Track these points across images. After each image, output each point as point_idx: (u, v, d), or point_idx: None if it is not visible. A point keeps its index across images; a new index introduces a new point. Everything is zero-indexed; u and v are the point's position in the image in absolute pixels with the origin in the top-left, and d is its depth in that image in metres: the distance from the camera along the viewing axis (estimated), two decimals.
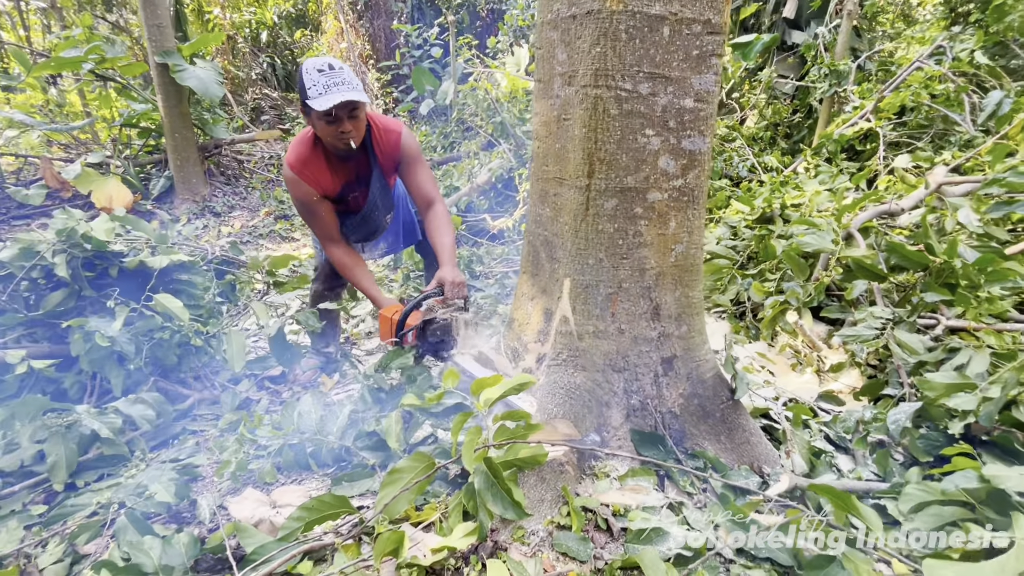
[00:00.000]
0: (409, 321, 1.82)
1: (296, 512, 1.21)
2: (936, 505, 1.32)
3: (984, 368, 1.73)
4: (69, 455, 1.53)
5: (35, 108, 6.83)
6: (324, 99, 1.71)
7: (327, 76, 1.74)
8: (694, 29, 1.38)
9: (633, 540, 1.24)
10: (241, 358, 1.92)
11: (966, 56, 4.04)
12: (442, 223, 2.03)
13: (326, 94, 1.72)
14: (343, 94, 1.72)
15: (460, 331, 1.83)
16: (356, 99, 1.74)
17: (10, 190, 5.16)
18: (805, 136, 5.54)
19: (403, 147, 2.04)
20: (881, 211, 2.49)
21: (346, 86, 1.74)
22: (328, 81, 1.73)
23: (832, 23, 5.10)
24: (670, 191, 1.51)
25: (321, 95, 1.73)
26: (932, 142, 4.01)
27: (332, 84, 1.73)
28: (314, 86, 1.73)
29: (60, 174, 5.15)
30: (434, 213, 2.05)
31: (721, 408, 1.66)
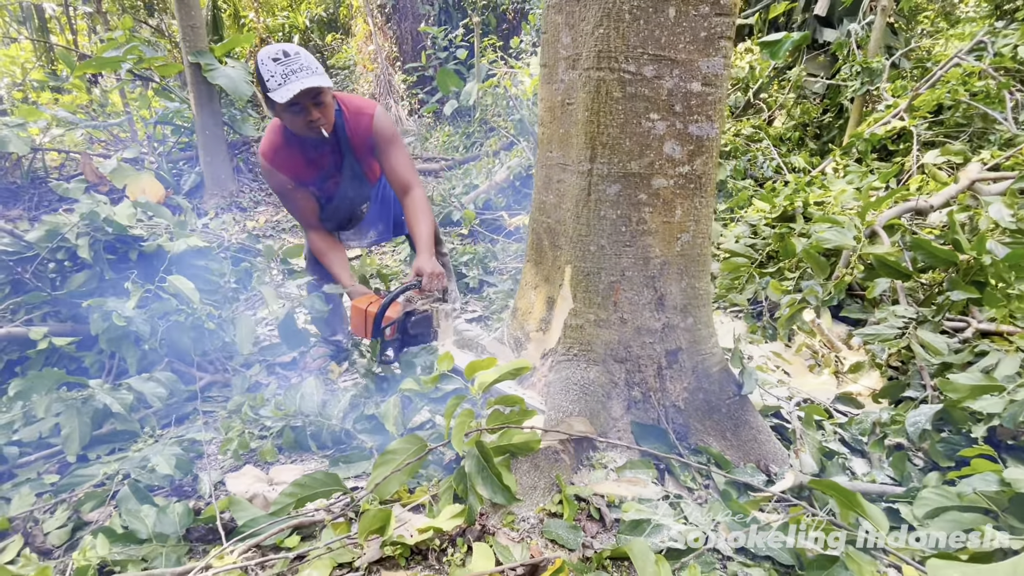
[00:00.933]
0: (389, 314, 1.79)
1: (289, 488, 1.22)
2: (954, 511, 1.25)
3: (1014, 370, 1.63)
4: (83, 428, 1.58)
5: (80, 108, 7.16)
6: (284, 89, 1.64)
7: (284, 64, 1.66)
8: (702, 10, 1.35)
9: (626, 531, 1.21)
10: (249, 342, 1.96)
11: (1008, 51, 3.86)
12: (419, 210, 1.95)
13: (285, 84, 1.65)
14: (302, 81, 1.64)
15: (440, 323, 1.81)
16: (317, 85, 1.66)
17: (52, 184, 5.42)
18: (835, 136, 5.37)
19: (375, 129, 1.95)
20: (908, 208, 2.38)
21: (305, 72, 1.66)
22: (285, 70, 1.66)
23: (865, 20, 4.93)
24: (676, 178, 1.47)
25: (281, 85, 1.65)
26: (970, 141, 3.83)
27: (290, 72, 1.66)
28: (272, 77, 1.66)
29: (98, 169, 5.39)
30: (411, 199, 1.97)
31: (727, 404, 1.61)
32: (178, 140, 5.85)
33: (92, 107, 7.34)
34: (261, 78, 1.69)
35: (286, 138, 1.90)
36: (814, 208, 2.85)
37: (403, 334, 1.80)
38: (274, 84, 1.66)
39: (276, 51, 1.68)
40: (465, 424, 1.23)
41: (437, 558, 1.13)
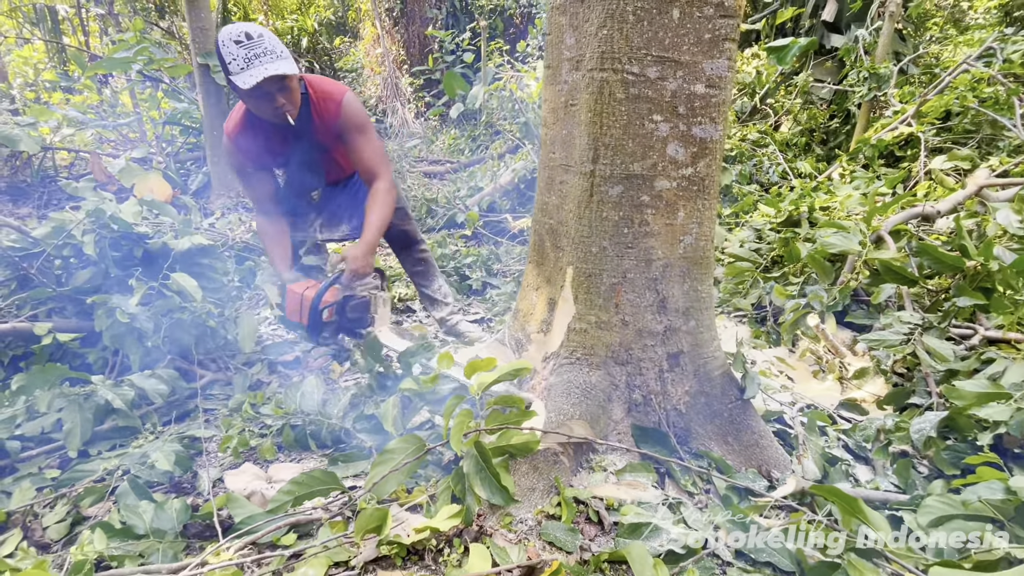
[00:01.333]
0: (327, 297, 1.83)
1: (286, 486, 1.22)
2: (959, 519, 1.23)
3: (1021, 378, 1.61)
4: (84, 423, 1.59)
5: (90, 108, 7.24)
6: (247, 75, 1.57)
7: (246, 48, 1.59)
8: (706, 12, 1.35)
9: (624, 534, 1.20)
10: (251, 340, 1.96)
11: (1018, 58, 3.83)
12: (376, 201, 1.92)
13: (248, 68, 1.58)
14: (266, 68, 1.57)
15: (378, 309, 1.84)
16: (283, 72, 1.59)
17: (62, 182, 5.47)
18: (842, 142, 5.34)
19: (343, 114, 1.88)
20: (915, 214, 2.36)
21: (269, 57, 1.60)
22: (248, 53, 1.59)
23: (873, 26, 4.91)
24: (679, 179, 1.47)
25: (243, 70, 1.58)
26: (979, 147, 3.80)
27: (253, 57, 1.59)
28: (234, 60, 1.59)
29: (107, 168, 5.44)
30: (374, 189, 1.93)
31: (729, 408, 1.60)
32: (186, 140, 5.90)
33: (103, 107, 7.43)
34: (223, 60, 1.61)
35: (250, 120, 1.85)
36: (819, 213, 2.83)
37: (340, 317, 1.87)
38: (236, 68, 1.59)
39: (238, 32, 1.60)
40: (464, 424, 1.23)
41: (433, 558, 1.12)
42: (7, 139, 4.46)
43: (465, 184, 5.31)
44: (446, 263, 3.59)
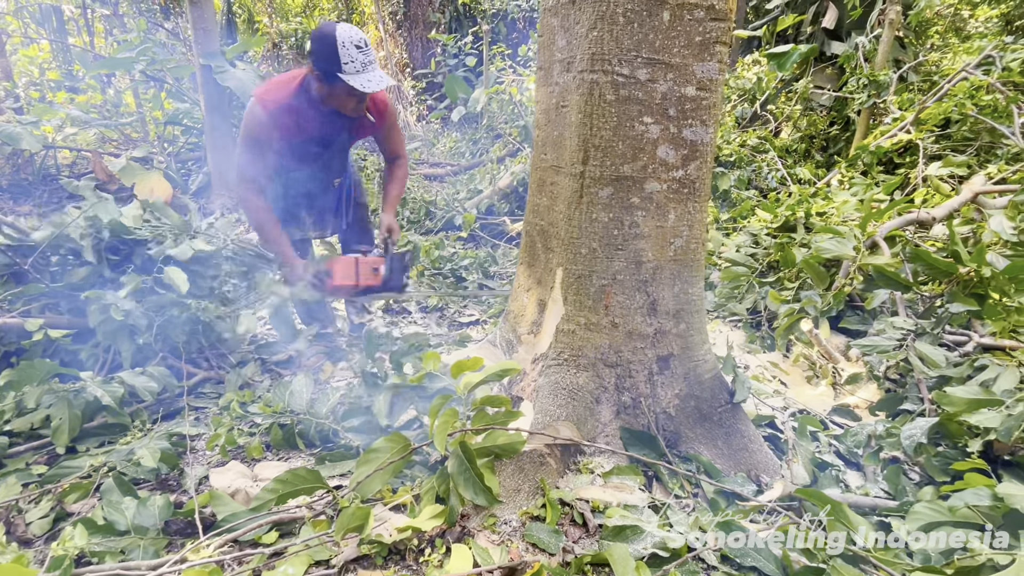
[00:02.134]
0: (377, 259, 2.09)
1: (270, 484, 1.21)
2: (947, 526, 1.22)
3: (1013, 385, 1.60)
4: (72, 420, 1.59)
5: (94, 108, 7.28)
6: (364, 78, 1.77)
7: (364, 53, 1.79)
8: (696, 15, 1.35)
9: (608, 536, 1.19)
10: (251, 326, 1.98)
11: (1017, 66, 3.83)
12: (398, 175, 2.27)
13: (364, 72, 1.78)
14: (383, 78, 1.80)
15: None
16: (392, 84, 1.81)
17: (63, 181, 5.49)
18: (842, 149, 5.34)
19: (389, 109, 2.16)
20: (911, 220, 2.35)
21: (375, 66, 1.83)
22: (364, 59, 1.79)
23: (873, 33, 4.92)
24: (669, 182, 1.46)
25: (359, 72, 1.78)
26: (977, 155, 3.80)
27: (367, 63, 1.79)
28: (351, 62, 1.77)
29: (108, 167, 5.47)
30: (397, 164, 2.28)
31: (719, 411, 1.59)
32: (188, 140, 5.92)
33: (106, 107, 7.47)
34: (336, 56, 1.75)
35: (302, 101, 1.93)
36: (815, 219, 2.83)
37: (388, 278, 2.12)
38: (352, 69, 1.77)
39: (359, 39, 1.78)
40: (448, 424, 1.22)
41: (415, 558, 1.11)
42: (9, 137, 4.48)
43: (464, 187, 5.31)
44: (443, 265, 3.59)
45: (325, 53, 1.77)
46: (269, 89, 1.95)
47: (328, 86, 1.84)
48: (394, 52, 9.68)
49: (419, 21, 9.52)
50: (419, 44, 9.46)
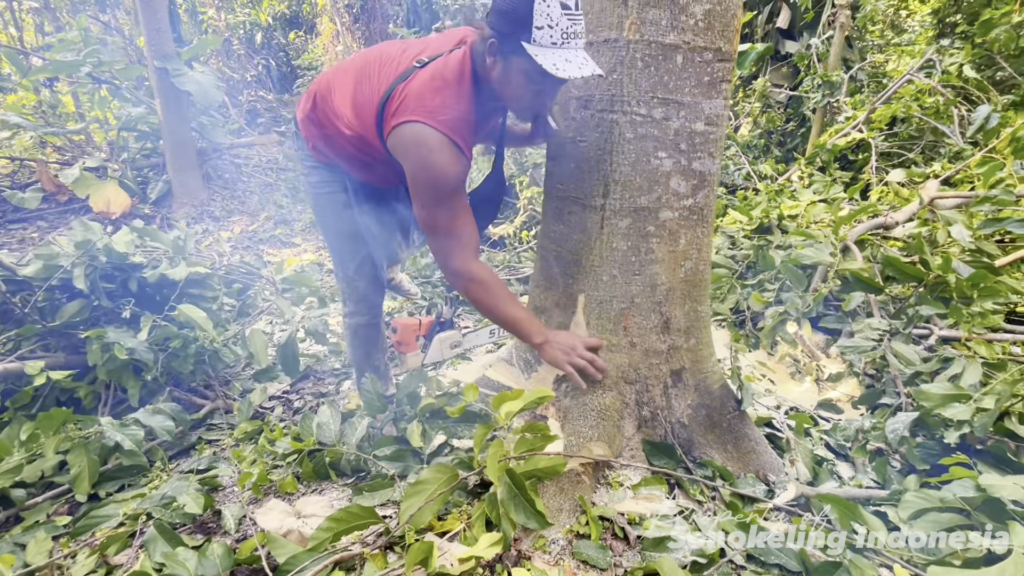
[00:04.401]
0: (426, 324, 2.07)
1: (325, 523, 1.25)
2: (934, 512, 1.39)
3: (977, 379, 1.81)
4: (92, 466, 1.56)
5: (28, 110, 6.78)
6: (565, 55, 1.18)
7: (571, 19, 1.18)
8: (706, 57, 1.44)
9: (650, 548, 1.30)
10: (265, 353, 1.96)
11: (955, 70, 4.16)
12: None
13: (565, 46, 1.19)
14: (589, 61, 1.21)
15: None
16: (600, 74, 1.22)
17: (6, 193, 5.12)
18: (798, 144, 5.66)
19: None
20: (877, 225, 2.57)
21: (581, 40, 1.22)
22: (572, 28, 1.18)
23: (825, 34, 5.21)
24: (680, 210, 1.57)
25: (558, 46, 1.18)
26: (922, 153, 4.13)
27: (574, 35, 1.20)
28: (551, 27, 1.17)
29: (57, 177, 5.13)
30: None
31: (728, 418, 1.72)
32: (143, 146, 5.62)
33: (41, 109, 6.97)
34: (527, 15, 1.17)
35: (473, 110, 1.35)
36: (788, 221, 3.03)
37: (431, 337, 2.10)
38: (548, 39, 1.17)
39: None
40: (498, 454, 1.29)
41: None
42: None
43: None
44: (431, 273, 3.62)
45: (512, 10, 1.19)
46: (442, 100, 1.31)
47: (504, 60, 1.25)
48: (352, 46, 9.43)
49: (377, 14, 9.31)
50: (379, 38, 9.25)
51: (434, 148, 1.29)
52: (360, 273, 1.88)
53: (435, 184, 1.33)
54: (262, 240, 4.86)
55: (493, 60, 1.28)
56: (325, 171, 1.74)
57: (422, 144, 1.30)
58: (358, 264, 1.86)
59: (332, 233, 1.86)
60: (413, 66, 1.40)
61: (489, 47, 1.27)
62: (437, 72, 1.34)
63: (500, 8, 1.23)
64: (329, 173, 1.74)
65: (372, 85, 1.44)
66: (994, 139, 3.32)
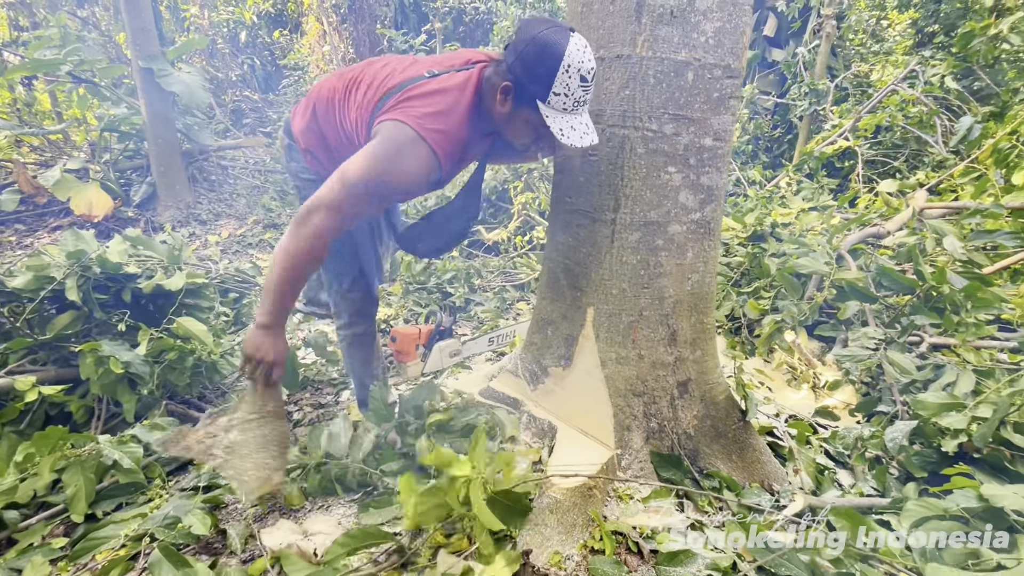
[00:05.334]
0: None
1: (340, 539, 1.24)
2: (935, 520, 1.43)
3: (970, 388, 1.86)
4: (88, 485, 1.51)
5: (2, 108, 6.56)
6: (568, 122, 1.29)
7: (585, 90, 1.29)
8: (715, 73, 1.46)
9: (665, 563, 1.30)
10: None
11: (937, 80, 4.28)
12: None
13: (573, 113, 1.30)
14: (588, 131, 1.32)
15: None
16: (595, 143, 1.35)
17: None
18: (785, 151, 5.76)
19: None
20: (870, 234, 2.63)
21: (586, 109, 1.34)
22: (583, 97, 1.30)
23: (811, 43, 5.31)
24: (688, 224, 1.58)
25: (566, 112, 1.29)
26: (906, 161, 4.23)
27: (583, 102, 1.31)
28: (567, 95, 1.28)
29: (35, 179, 4.98)
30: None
31: (733, 429, 1.74)
32: (125, 147, 5.48)
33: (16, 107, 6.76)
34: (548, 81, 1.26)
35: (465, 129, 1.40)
36: (781, 229, 3.08)
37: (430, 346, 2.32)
38: (560, 104, 1.29)
39: (588, 67, 1.27)
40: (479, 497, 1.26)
41: None
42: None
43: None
44: (427, 279, 3.59)
45: (535, 70, 1.27)
46: (441, 112, 1.35)
47: (513, 107, 1.35)
48: (339, 46, 9.33)
49: (365, 15, 9.22)
50: (367, 39, 9.17)
51: (412, 147, 1.30)
52: (356, 286, 1.88)
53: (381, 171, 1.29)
54: (251, 244, 4.78)
55: (503, 99, 1.35)
56: None
57: (397, 139, 1.31)
58: (354, 278, 1.86)
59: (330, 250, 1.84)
60: (422, 75, 1.42)
61: (503, 88, 1.33)
62: (440, 85, 1.38)
63: (525, 62, 1.28)
64: None
65: (375, 87, 1.46)
66: (976, 149, 3.42)
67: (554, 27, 1.27)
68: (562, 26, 1.28)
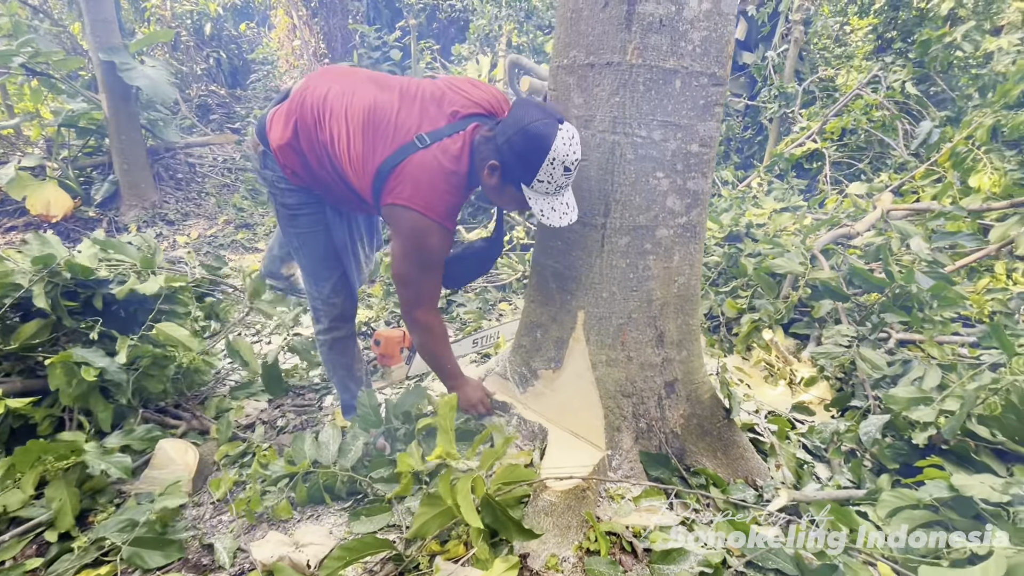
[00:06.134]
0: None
1: (337, 551, 1.22)
2: (908, 510, 1.50)
3: (937, 382, 1.96)
4: (73, 498, 1.45)
5: None
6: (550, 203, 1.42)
7: (567, 177, 1.40)
8: (701, 81, 1.49)
9: (658, 560, 1.33)
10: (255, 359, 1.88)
11: (898, 86, 4.47)
12: None
13: (556, 196, 1.42)
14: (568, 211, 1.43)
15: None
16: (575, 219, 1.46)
17: None
18: (756, 152, 5.92)
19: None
20: (840, 234, 2.73)
21: (568, 190, 1.45)
22: (565, 183, 1.41)
23: (780, 48, 5.47)
24: (675, 228, 1.61)
25: (548, 195, 1.42)
26: (871, 163, 4.41)
27: (565, 187, 1.42)
28: (551, 181, 1.39)
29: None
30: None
31: (718, 426, 1.79)
32: (85, 144, 5.24)
33: None
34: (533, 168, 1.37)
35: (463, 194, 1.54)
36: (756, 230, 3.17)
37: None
38: (544, 189, 1.41)
39: (572, 159, 1.37)
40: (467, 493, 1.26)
41: None
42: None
43: None
44: None
45: (523, 158, 1.37)
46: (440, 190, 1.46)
47: (500, 183, 1.47)
48: (310, 41, 9.13)
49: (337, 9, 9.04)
50: (339, 34, 9.00)
51: (427, 234, 1.48)
52: (337, 291, 1.89)
53: (422, 260, 1.53)
54: (223, 245, 4.64)
55: (490, 174, 1.46)
56: (304, 194, 1.71)
57: (416, 229, 1.48)
58: (335, 283, 1.86)
59: (309, 255, 1.83)
60: (413, 143, 1.47)
61: (491, 167, 1.45)
62: (436, 161, 1.46)
63: (514, 149, 1.39)
64: (308, 195, 1.72)
65: (369, 146, 1.50)
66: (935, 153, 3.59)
67: (546, 118, 1.35)
68: (553, 116, 1.36)
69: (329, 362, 2.00)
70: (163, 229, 4.79)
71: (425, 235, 1.48)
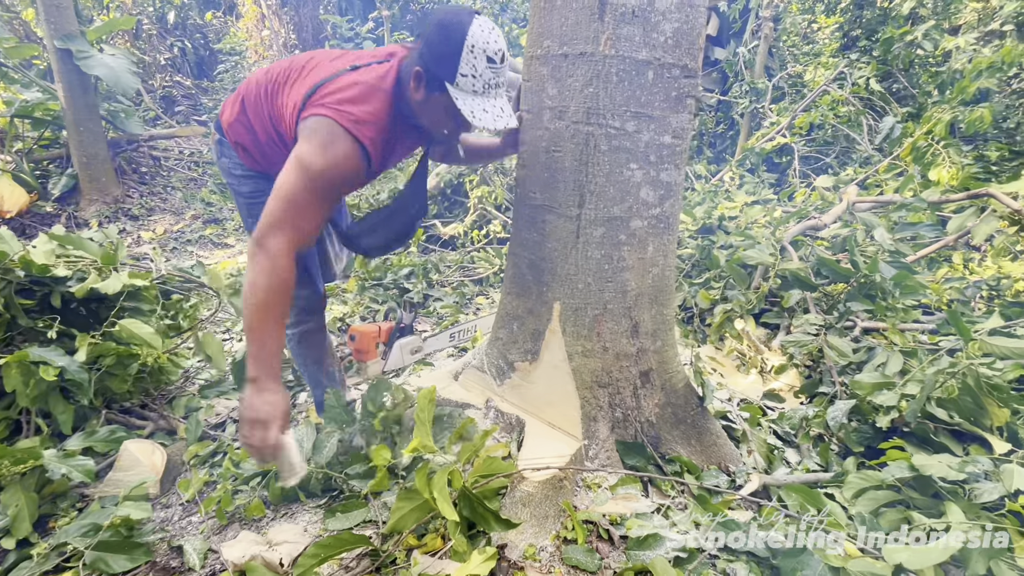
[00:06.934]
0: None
1: (312, 548, 1.20)
2: (872, 490, 1.56)
3: (899, 368, 2.03)
4: (31, 504, 1.39)
5: None
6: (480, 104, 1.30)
7: (494, 71, 1.30)
8: (674, 73, 1.51)
9: (634, 547, 1.35)
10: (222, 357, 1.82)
11: (863, 83, 4.60)
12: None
13: (484, 95, 1.31)
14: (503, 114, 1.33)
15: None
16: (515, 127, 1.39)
17: None
18: (728, 146, 6.02)
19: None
20: (809, 226, 2.80)
21: (501, 90, 1.34)
22: (493, 79, 1.31)
23: (751, 44, 5.57)
24: (649, 219, 1.63)
25: (476, 94, 1.30)
26: (837, 158, 4.53)
27: (494, 84, 1.32)
28: (475, 76, 1.28)
29: None
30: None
31: (692, 415, 1.82)
32: (40, 135, 5.01)
33: None
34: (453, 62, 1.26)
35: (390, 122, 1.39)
36: (728, 222, 3.23)
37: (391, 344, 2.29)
38: (470, 86, 1.29)
39: (495, 48, 1.27)
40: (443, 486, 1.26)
41: None
42: None
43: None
44: (383, 275, 3.52)
45: (440, 51, 1.28)
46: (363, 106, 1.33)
47: (426, 92, 1.35)
48: (280, 31, 8.90)
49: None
50: (309, 24, 8.79)
51: (333, 142, 1.29)
52: (301, 283, 1.79)
53: (314, 176, 1.28)
54: (190, 241, 4.50)
55: (416, 86, 1.35)
56: (260, 180, 1.67)
57: (322, 134, 1.30)
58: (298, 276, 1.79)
59: None
60: (343, 69, 1.41)
61: (415, 75, 1.33)
62: (359, 77, 1.37)
63: (431, 46, 1.30)
64: (265, 183, 1.62)
65: (299, 85, 1.44)
66: (897, 147, 3.70)
67: (459, 10, 1.28)
68: (467, 9, 1.30)
69: (299, 356, 1.97)
70: (126, 225, 4.62)
71: (330, 143, 1.28)
